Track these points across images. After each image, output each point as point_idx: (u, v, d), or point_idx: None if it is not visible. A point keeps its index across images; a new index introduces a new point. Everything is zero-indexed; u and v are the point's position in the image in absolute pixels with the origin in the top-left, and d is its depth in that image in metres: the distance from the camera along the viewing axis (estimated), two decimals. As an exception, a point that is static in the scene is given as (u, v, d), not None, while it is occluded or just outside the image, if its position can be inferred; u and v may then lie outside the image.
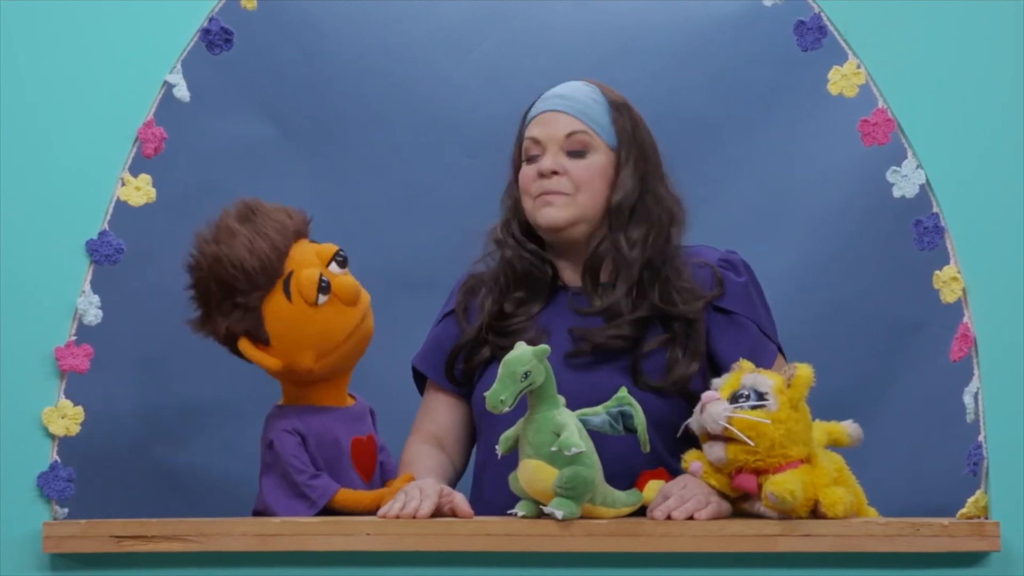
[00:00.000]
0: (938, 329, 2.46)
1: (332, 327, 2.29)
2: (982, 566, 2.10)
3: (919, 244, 2.17)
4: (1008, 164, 2.15)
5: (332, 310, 2.29)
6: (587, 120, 2.42)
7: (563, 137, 2.41)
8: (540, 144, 2.43)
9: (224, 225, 2.31)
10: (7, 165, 2.21)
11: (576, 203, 2.41)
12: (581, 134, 2.41)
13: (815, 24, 2.19)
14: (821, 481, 2.13)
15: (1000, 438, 2.11)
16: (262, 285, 2.27)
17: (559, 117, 2.43)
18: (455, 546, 2.13)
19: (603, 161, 2.42)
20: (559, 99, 2.44)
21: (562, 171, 2.40)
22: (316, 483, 2.27)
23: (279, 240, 2.29)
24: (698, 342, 2.37)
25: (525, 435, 2.13)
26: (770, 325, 2.44)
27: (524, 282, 2.46)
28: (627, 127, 2.43)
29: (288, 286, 2.27)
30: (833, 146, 3.00)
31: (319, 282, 2.27)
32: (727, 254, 2.46)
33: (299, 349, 2.29)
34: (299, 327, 2.28)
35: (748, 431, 2.10)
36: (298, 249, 2.30)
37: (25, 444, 2.18)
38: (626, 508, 2.18)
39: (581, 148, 2.41)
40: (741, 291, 2.41)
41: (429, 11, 3.14)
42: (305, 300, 2.27)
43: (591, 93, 2.45)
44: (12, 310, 2.20)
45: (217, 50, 2.27)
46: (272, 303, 2.28)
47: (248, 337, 2.29)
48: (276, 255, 2.27)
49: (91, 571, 2.18)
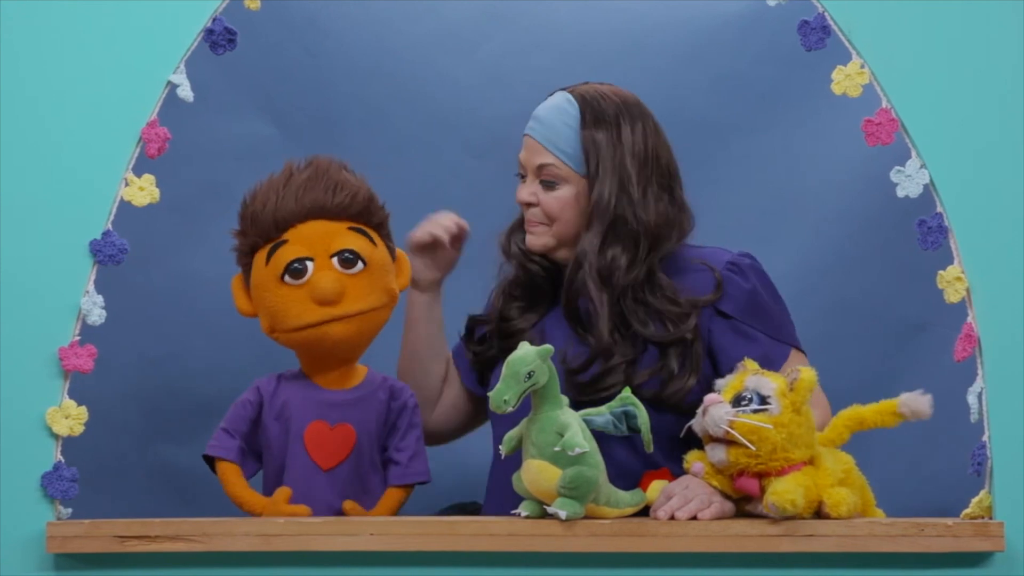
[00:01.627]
0: (942, 329, 2.46)
1: (287, 310, 2.29)
2: (986, 566, 2.10)
3: (923, 244, 2.16)
4: (1011, 163, 2.15)
5: (294, 295, 2.28)
6: (555, 150, 2.40)
7: (536, 167, 2.42)
8: (522, 167, 2.45)
9: (286, 168, 2.35)
10: (11, 165, 2.21)
11: (551, 232, 2.42)
12: (550, 167, 2.41)
13: (819, 24, 2.19)
14: (825, 482, 2.13)
15: (1004, 438, 2.11)
16: (250, 235, 2.32)
17: (533, 144, 2.43)
18: (458, 546, 2.13)
19: (573, 191, 2.40)
20: (535, 123, 2.43)
21: (536, 202, 2.42)
22: (222, 435, 2.35)
23: (291, 208, 2.29)
24: (695, 357, 2.35)
25: (528, 435, 2.13)
26: (783, 327, 2.41)
27: (526, 290, 2.48)
28: (597, 152, 2.39)
29: (274, 252, 2.29)
30: (837, 146, 3.00)
31: (290, 263, 2.27)
32: (738, 257, 2.43)
33: (262, 311, 2.32)
34: (263, 292, 2.31)
35: (750, 435, 2.10)
36: (313, 227, 2.30)
37: (29, 444, 2.19)
38: (629, 508, 2.18)
39: (551, 179, 2.41)
40: (747, 298, 2.39)
41: (432, 11, 3.14)
42: (275, 270, 2.28)
43: (565, 116, 2.41)
44: (16, 310, 2.20)
45: (221, 50, 2.27)
46: (258, 258, 2.31)
47: (243, 277, 2.36)
48: (276, 220, 2.29)
49: (95, 571, 2.18)
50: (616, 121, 2.41)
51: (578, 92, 2.44)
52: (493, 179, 2.57)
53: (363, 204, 2.33)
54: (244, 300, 2.36)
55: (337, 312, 2.28)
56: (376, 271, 2.32)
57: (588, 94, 2.43)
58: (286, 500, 2.27)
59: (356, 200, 2.33)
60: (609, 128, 2.41)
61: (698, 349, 2.35)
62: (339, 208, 2.31)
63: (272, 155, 3.01)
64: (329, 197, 2.30)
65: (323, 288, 2.27)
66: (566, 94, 2.44)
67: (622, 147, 2.40)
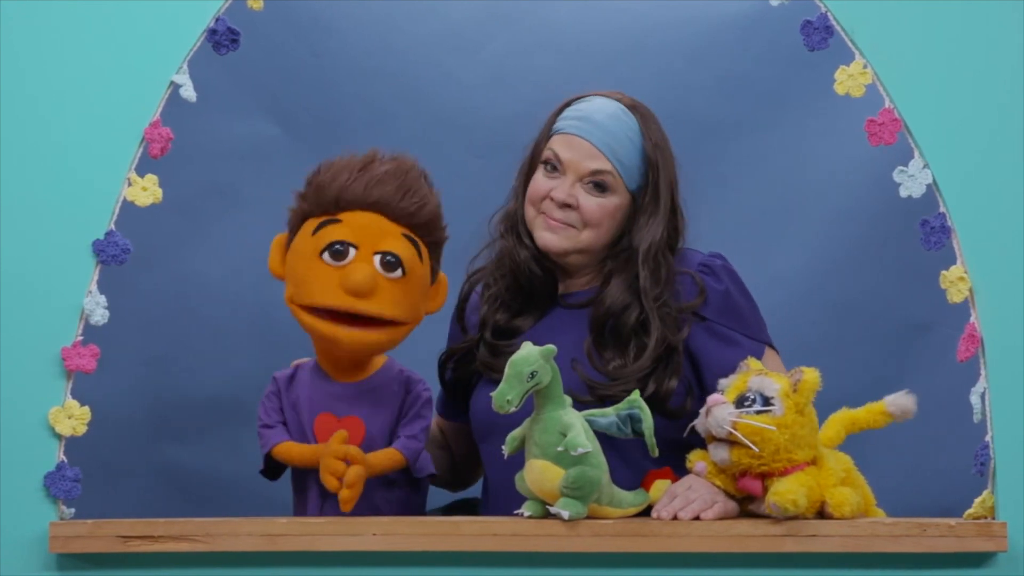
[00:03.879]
0: (945, 329, 2.46)
1: (313, 284, 2.26)
2: (989, 566, 2.10)
3: (926, 244, 2.16)
4: (1014, 163, 2.14)
5: (327, 273, 2.26)
6: (615, 161, 2.36)
7: (587, 171, 2.36)
8: (561, 164, 2.38)
9: (371, 152, 2.33)
10: (14, 165, 2.22)
11: (579, 238, 2.38)
12: (605, 174, 2.36)
13: (822, 24, 2.18)
14: (828, 482, 2.13)
15: (1007, 438, 2.11)
16: (309, 201, 2.30)
17: (587, 147, 2.36)
18: (462, 546, 2.13)
19: (619, 203, 2.38)
20: (590, 125, 2.37)
21: (575, 205, 2.37)
22: (264, 432, 2.34)
23: (357, 193, 2.28)
24: (677, 360, 2.34)
25: (531, 435, 2.13)
26: (756, 325, 2.41)
27: (521, 291, 2.44)
28: (657, 169, 2.37)
29: (324, 226, 2.28)
30: (840, 146, 3.00)
31: (333, 243, 2.26)
32: (709, 259, 2.42)
33: (290, 277, 2.30)
34: (298, 260, 2.29)
35: (753, 436, 2.10)
36: (370, 219, 2.28)
37: (32, 444, 2.19)
38: (632, 508, 2.18)
39: (602, 184, 2.36)
40: (721, 299, 2.38)
41: (436, 11, 3.14)
42: (317, 244, 2.27)
43: (628, 129, 2.37)
44: (19, 310, 2.20)
45: (223, 50, 2.27)
46: (307, 226, 2.30)
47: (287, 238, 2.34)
48: (338, 198, 2.28)
49: (98, 571, 2.18)
50: (665, 143, 2.40)
51: (629, 104, 2.40)
52: (497, 179, 2.57)
53: (427, 217, 2.31)
54: (278, 260, 2.34)
55: (360, 307, 2.25)
56: (413, 285, 2.30)
57: (640, 108, 2.40)
58: (341, 441, 2.23)
59: (422, 211, 2.30)
60: (663, 151, 2.39)
61: (680, 351, 2.35)
62: (402, 212, 2.29)
63: (276, 155, 3.03)
64: (398, 197, 2.28)
65: (356, 278, 2.24)
66: (618, 104, 2.39)
67: (669, 170, 2.39)
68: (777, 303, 2.63)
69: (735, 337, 2.37)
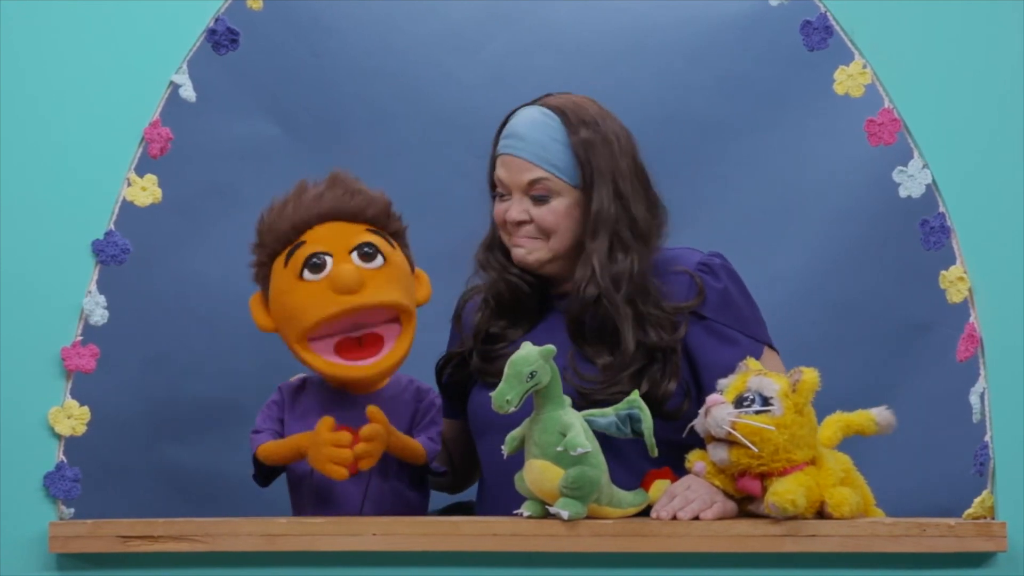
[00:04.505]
0: (945, 329, 2.46)
1: (308, 306, 2.25)
2: (988, 566, 2.10)
3: (926, 244, 2.16)
4: (1014, 164, 2.14)
5: (314, 289, 2.25)
6: (546, 165, 2.38)
7: (525, 184, 2.38)
8: (505, 186, 2.41)
9: (301, 183, 2.34)
10: (13, 165, 2.22)
11: (547, 247, 2.40)
12: (543, 181, 2.38)
13: (821, 24, 2.18)
14: (827, 482, 2.13)
15: (1006, 438, 2.11)
16: (268, 244, 2.30)
17: (518, 162, 2.39)
18: (461, 546, 2.13)
19: (568, 202, 2.39)
20: (517, 141, 2.39)
21: (528, 219, 2.39)
22: (253, 437, 2.33)
23: (308, 211, 2.28)
24: (675, 361, 2.34)
25: (531, 435, 2.13)
26: (755, 324, 2.41)
27: (509, 306, 2.45)
28: (591, 160, 2.37)
29: (292, 253, 2.28)
30: (839, 146, 3.00)
31: (308, 258, 2.26)
32: (708, 258, 2.42)
33: (283, 320, 2.29)
34: (282, 296, 2.28)
35: (752, 436, 2.10)
36: (331, 228, 2.28)
37: (31, 444, 2.19)
38: (632, 508, 2.18)
39: (544, 194, 2.38)
40: (720, 298, 2.39)
41: (436, 10, 3.14)
42: (293, 270, 2.27)
43: (551, 130, 2.39)
44: (18, 310, 2.20)
45: (223, 50, 2.27)
46: (277, 263, 2.29)
47: (262, 294, 2.33)
48: (293, 224, 2.28)
49: (97, 571, 2.18)
50: (599, 126, 2.40)
51: (552, 104, 2.41)
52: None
53: (381, 209, 2.33)
54: (263, 316, 2.33)
55: (357, 301, 2.25)
56: (396, 269, 2.31)
57: (564, 104, 2.41)
58: (329, 429, 2.22)
59: (373, 205, 2.32)
60: (596, 135, 2.39)
61: (678, 352, 2.35)
62: (356, 211, 2.30)
63: (275, 155, 3.03)
64: (346, 200, 2.30)
65: (343, 276, 2.24)
66: (540, 108, 2.41)
67: (609, 152, 2.38)
68: (777, 303, 2.63)
69: (734, 336, 2.37)
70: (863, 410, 2.22)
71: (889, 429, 2.22)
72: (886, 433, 2.22)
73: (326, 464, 2.20)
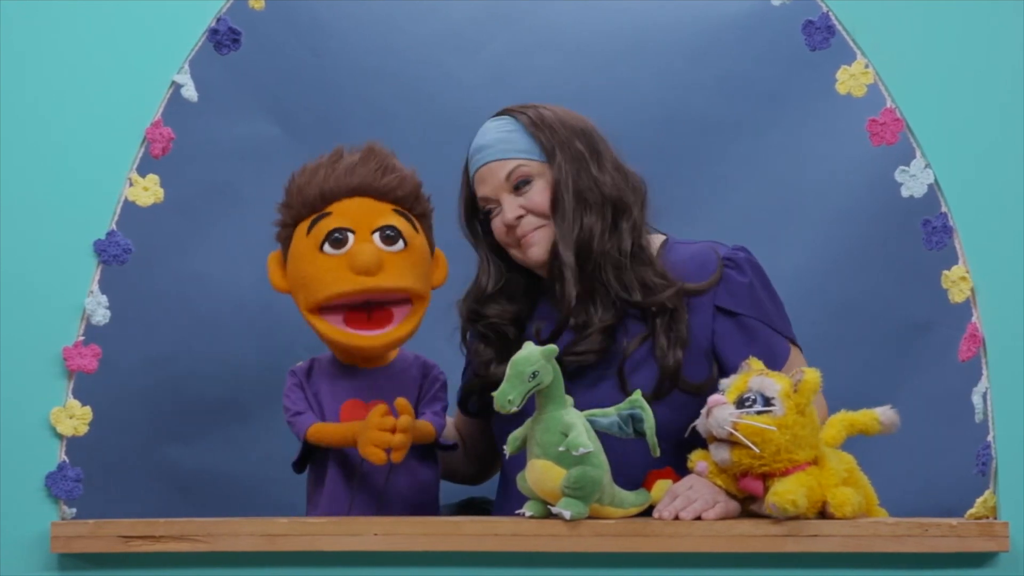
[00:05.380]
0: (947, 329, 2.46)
1: (323, 279, 2.28)
2: (991, 566, 2.10)
3: (928, 244, 2.16)
4: (1016, 163, 2.15)
5: (332, 264, 2.28)
6: (513, 154, 2.42)
7: (504, 182, 2.42)
8: (490, 198, 2.44)
9: (338, 149, 2.36)
10: (15, 166, 2.22)
11: (551, 228, 2.41)
12: (518, 168, 2.41)
13: (823, 23, 2.19)
14: (829, 482, 2.13)
15: (1009, 438, 2.11)
16: (294, 207, 2.32)
17: (491, 167, 2.43)
18: (463, 546, 2.13)
19: (548, 180, 2.42)
20: (482, 152, 2.45)
21: (523, 212, 2.41)
22: (295, 419, 2.34)
23: (338, 182, 2.31)
24: (680, 329, 2.35)
25: (533, 435, 2.13)
26: (781, 320, 2.42)
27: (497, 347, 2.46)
28: (546, 135, 2.42)
29: (316, 222, 2.30)
30: (841, 146, 2.99)
31: (331, 232, 2.28)
32: (733, 252, 2.43)
33: (297, 285, 2.32)
34: (301, 262, 2.31)
35: (754, 436, 2.10)
36: (358, 203, 2.31)
37: (33, 444, 2.19)
38: (634, 508, 2.18)
39: (524, 179, 2.41)
40: (746, 291, 2.39)
41: (436, 11, 3.14)
42: (315, 240, 2.29)
43: (504, 126, 2.45)
44: (20, 310, 2.20)
45: (225, 50, 2.27)
46: (300, 229, 2.32)
47: (282, 253, 2.36)
48: (322, 192, 2.30)
49: (99, 571, 2.18)
50: (539, 108, 2.46)
51: (500, 112, 2.48)
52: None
53: (410, 190, 2.36)
54: (279, 275, 2.36)
55: (372, 283, 2.28)
56: (416, 255, 2.33)
57: (510, 108, 2.48)
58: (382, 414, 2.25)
59: (403, 184, 2.35)
60: (540, 112, 2.44)
61: (683, 321, 2.35)
62: (386, 189, 2.33)
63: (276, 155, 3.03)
64: (378, 176, 2.32)
65: (362, 257, 2.26)
66: (492, 120, 2.48)
67: (562, 127, 2.43)
68: (778, 302, 2.63)
69: (760, 330, 2.37)
70: (867, 409, 2.22)
71: (893, 428, 2.22)
72: (890, 432, 2.23)
73: (370, 447, 2.23)
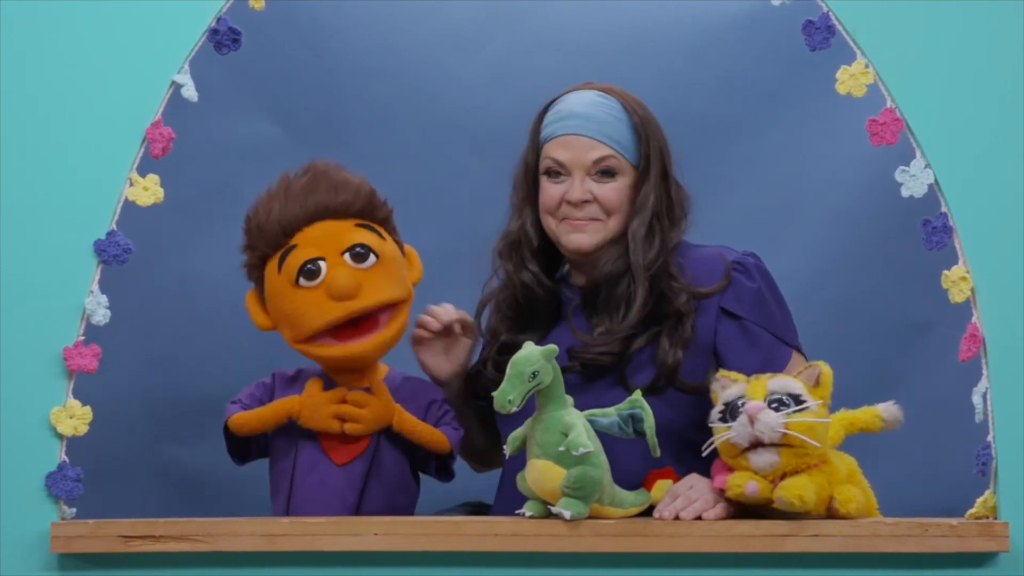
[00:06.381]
0: (947, 329, 2.46)
1: (306, 313, 2.27)
2: (991, 566, 2.10)
3: (928, 244, 2.16)
4: (1016, 163, 2.15)
5: (311, 296, 2.27)
6: (613, 143, 2.38)
7: (590, 163, 2.38)
8: (565, 167, 2.39)
9: (284, 177, 2.34)
10: (15, 165, 2.22)
11: (607, 228, 2.39)
12: (609, 158, 2.38)
13: (823, 23, 2.19)
14: (835, 478, 2.12)
15: (1009, 438, 2.11)
16: (259, 247, 2.31)
17: (583, 141, 2.38)
18: (463, 546, 2.13)
19: (628, 181, 2.39)
20: (582, 120, 2.39)
21: (591, 198, 2.38)
22: (228, 406, 2.35)
23: (296, 213, 2.29)
24: (685, 332, 2.34)
25: (533, 435, 2.13)
26: (786, 328, 2.40)
27: (522, 311, 2.45)
28: (648, 140, 2.40)
29: (284, 258, 2.28)
30: (841, 146, 3.00)
31: (303, 265, 2.27)
32: (742, 257, 2.42)
33: (282, 321, 2.31)
34: (279, 300, 2.30)
35: (808, 433, 2.08)
36: (321, 228, 2.30)
37: (33, 444, 2.19)
38: (634, 508, 2.18)
39: (610, 170, 2.38)
40: (752, 296, 2.38)
41: (436, 11, 3.14)
42: (288, 276, 2.28)
43: (611, 109, 2.40)
44: (20, 310, 2.20)
45: (225, 50, 2.27)
46: (270, 267, 2.31)
47: (257, 292, 2.35)
48: (282, 226, 2.29)
49: (99, 571, 2.18)
50: (648, 110, 2.43)
51: (603, 88, 2.43)
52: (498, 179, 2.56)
53: (366, 200, 2.33)
54: (261, 315, 2.34)
55: (355, 306, 2.27)
56: (389, 264, 2.32)
57: (614, 88, 2.44)
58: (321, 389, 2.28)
59: (359, 197, 2.33)
60: (649, 116, 2.42)
61: (689, 325, 2.34)
62: (343, 206, 2.31)
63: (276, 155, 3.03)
64: (332, 196, 2.30)
65: (339, 283, 2.26)
66: (592, 91, 2.43)
67: (659, 134, 2.42)
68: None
69: (763, 336, 2.36)
70: (868, 406, 2.21)
71: (896, 425, 2.21)
72: (893, 429, 2.21)
73: (326, 419, 2.25)
